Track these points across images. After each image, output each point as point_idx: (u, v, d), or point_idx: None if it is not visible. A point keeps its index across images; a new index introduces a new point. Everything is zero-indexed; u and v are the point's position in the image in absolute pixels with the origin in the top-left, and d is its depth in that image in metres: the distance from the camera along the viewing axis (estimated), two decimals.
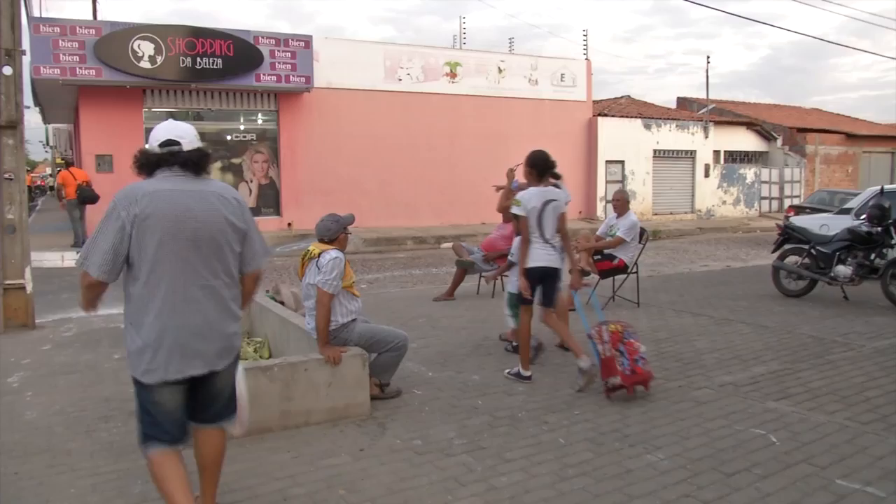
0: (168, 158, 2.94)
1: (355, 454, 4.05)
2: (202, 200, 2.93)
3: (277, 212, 18.86)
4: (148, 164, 2.97)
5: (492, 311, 8.33)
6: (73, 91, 16.75)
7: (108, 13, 35.01)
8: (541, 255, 5.37)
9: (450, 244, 14.87)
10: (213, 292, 2.96)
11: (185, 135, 3.00)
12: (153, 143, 2.99)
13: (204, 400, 3.06)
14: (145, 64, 16.04)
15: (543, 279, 5.42)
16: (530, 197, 5.40)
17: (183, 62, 16.42)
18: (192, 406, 3.05)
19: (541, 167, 5.50)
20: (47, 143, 33.60)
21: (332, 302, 4.73)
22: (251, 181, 18.67)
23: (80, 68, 15.54)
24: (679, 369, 5.72)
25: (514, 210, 5.42)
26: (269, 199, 18.88)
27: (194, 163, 2.97)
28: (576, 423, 4.49)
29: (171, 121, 3.11)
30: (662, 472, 3.75)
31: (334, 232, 4.93)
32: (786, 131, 29.48)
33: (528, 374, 5.45)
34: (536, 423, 4.51)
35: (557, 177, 5.85)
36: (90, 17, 19.07)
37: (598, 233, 8.65)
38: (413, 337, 6.47)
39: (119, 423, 4.61)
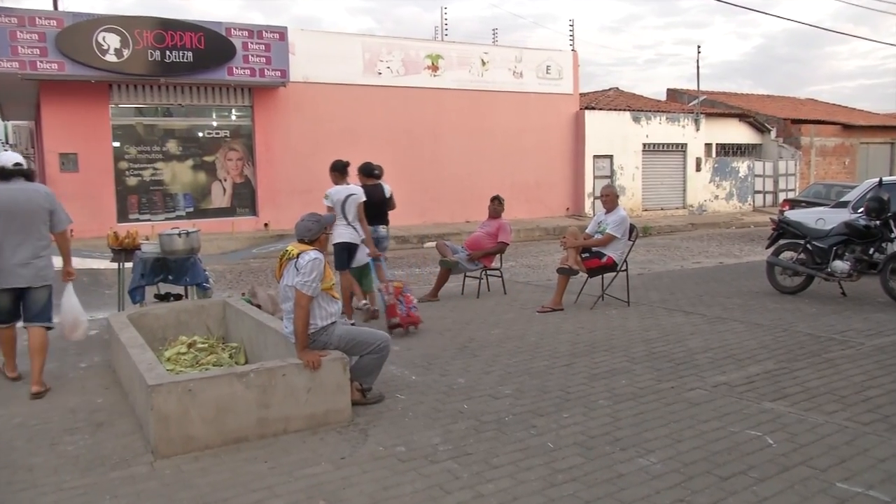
0: (15, 172, 5.56)
1: (336, 463, 4.03)
2: (26, 194, 5.56)
3: (253, 212, 18.77)
4: (2, 176, 5.52)
5: (477, 311, 8.34)
6: (34, 86, 16.58)
7: (70, 3, 34.65)
8: (345, 234, 7.71)
9: (433, 243, 14.90)
10: (30, 243, 5.58)
11: (23, 160, 5.71)
12: (7, 164, 5.56)
13: (28, 305, 5.70)
14: (111, 57, 15.90)
15: (349, 250, 7.78)
16: (336, 192, 7.72)
17: (151, 55, 16.30)
18: (24, 309, 5.72)
19: (340, 170, 7.89)
20: (6, 142, 33.23)
21: (310, 304, 4.71)
22: (225, 180, 18.56)
23: (41, 62, 15.39)
24: (671, 370, 5.74)
25: (324, 202, 7.72)
26: (245, 199, 18.78)
27: (27, 175, 5.65)
28: (565, 427, 4.50)
29: (9, 151, 6.12)
30: (655, 477, 3.77)
31: (315, 232, 4.92)
32: (780, 123, 29.71)
33: (352, 321, 7.31)
34: (524, 427, 4.52)
35: (378, 176, 8.64)
36: (51, 8, 18.88)
37: (587, 230, 8.69)
38: (395, 339, 6.48)
39: (86, 436, 4.57)
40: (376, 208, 8.26)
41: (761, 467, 3.85)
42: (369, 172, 8.56)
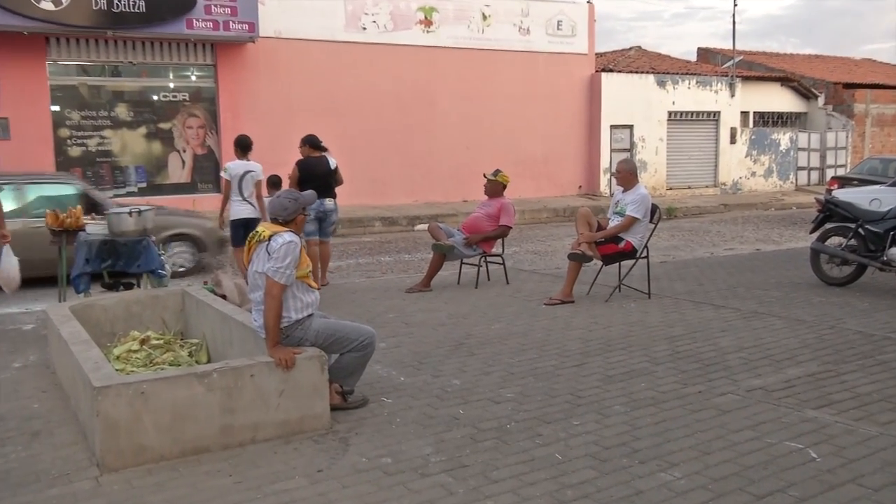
0: None
1: (312, 476, 4.05)
2: None
3: (217, 188, 18.60)
4: None
5: (475, 303, 8.36)
6: None
7: None
8: (241, 210, 9.18)
9: (425, 226, 14.89)
10: None
11: None
12: None
13: None
14: (47, 5, 15.74)
15: (246, 227, 8.81)
16: (235, 167, 9.22)
17: (96, 4, 16.15)
18: None
19: (241, 147, 9.38)
20: None
21: (283, 294, 4.72)
22: (184, 151, 18.51)
23: None
24: (698, 372, 5.77)
25: (222, 174, 9.37)
26: (207, 173, 18.71)
27: None
28: (575, 436, 4.52)
29: None
30: (679, 494, 3.79)
31: (291, 212, 4.92)
32: (829, 87, 29.65)
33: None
34: (528, 435, 4.54)
35: (324, 149, 9.56)
36: None
37: (608, 215, 8.67)
38: (382, 335, 6.49)
39: (19, 447, 4.57)
40: (321, 181, 9.12)
41: (803, 485, 3.87)
42: (315, 144, 9.50)
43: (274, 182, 10.06)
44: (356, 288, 9.67)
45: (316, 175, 9.20)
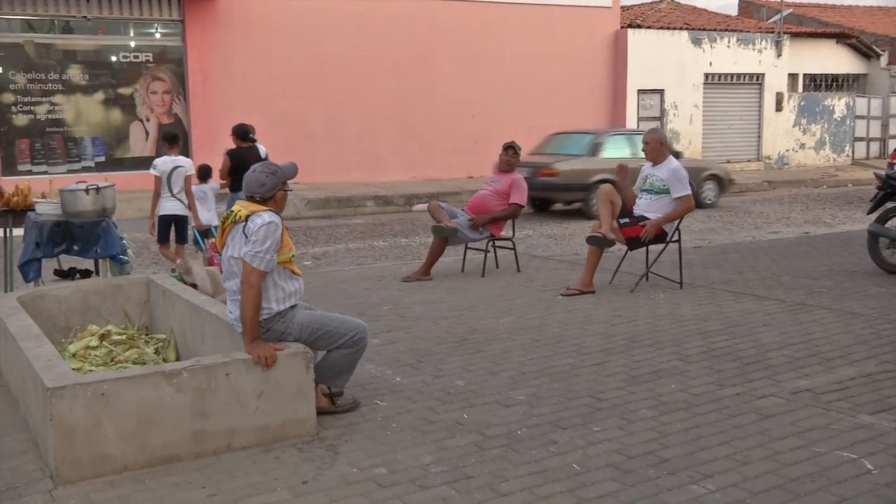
0: None
1: (296, 489, 4.08)
2: None
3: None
4: None
5: (482, 294, 8.38)
6: None
7: None
8: (169, 206, 9.72)
9: (425, 206, 14.90)
10: None
11: None
12: None
13: None
14: None
15: (173, 224, 9.84)
16: (163, 162, 9.70)
17: None
18: None
19: (168, 140, 9.92)
20: None
21: (263, 282, 4.73)
22: (147, 120, 18.50)
23: None
24: (737, 371, 5.79)
25: (151, 171, 9.76)
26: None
27: None
28: (595, 444, 4.54)
29: None
30: None
31: (270, 188, 4.90)
32: (894, 45, 29.50)
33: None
34: (541, 443, 4.56)
35: (254, 140, 10.85)
36: None
37: (636, 193, 8.63)
38: (375, 329, 6.52)
39: None
40: None
41: (857, 500, 3.87)
42: (244, 135, 10.68)
43: (204, 173, 10.59)
44: (346, 276, 9.68)
45: (247, 164, 9.51)
